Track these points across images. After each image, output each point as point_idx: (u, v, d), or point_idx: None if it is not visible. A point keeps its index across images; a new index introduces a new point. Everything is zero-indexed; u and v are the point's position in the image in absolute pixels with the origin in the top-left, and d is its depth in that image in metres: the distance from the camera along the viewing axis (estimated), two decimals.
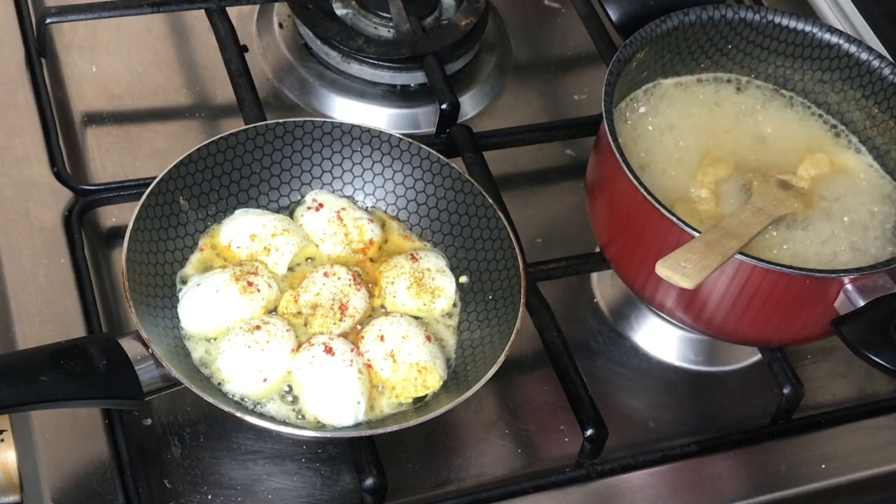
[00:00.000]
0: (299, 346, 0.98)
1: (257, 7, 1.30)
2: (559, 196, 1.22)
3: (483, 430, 1.04)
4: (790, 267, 0.95)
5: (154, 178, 1.00)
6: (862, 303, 0.95)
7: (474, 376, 0.96)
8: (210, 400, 0.90)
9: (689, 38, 1.11)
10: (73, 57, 1.23)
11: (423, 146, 1.07)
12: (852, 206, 1.08)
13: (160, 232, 1.00)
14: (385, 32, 1.25)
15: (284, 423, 0.94)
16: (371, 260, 1.05)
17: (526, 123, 1.25)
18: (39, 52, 1.21)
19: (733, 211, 1.03)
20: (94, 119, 1.19)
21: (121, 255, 0.95)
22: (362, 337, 0.99)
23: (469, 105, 1.26)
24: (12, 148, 1.13)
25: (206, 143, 1.03)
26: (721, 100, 1.14)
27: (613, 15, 1.22)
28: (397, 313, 1.01)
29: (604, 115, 1.01)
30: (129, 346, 0.91)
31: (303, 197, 1.08)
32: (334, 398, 0.94)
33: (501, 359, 0.95)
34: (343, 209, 1.06)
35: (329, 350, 0.96)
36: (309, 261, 1.04)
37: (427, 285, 1.02)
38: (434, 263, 1.04)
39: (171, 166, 1.01)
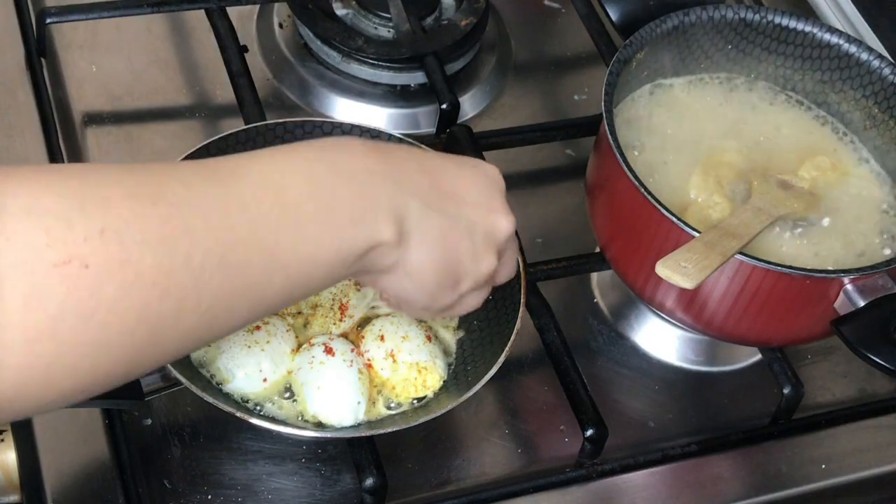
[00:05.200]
0: (299, 346, 0.98)
1: (257, 7, 1.30)
2: (559, 196, 1.22)
3: (483, 430, 1.04)
4: (790, 267, 0.95)
5: None
6: (862, 303, 0.95)
7: (474, 376, 0.96)
8: (210, 400, 0.90)
9: (689, 38, 1.11)
10: (73, 57, 1.23)
11: (423, 146, 1.07)
12: (852, 207, 1.08)
13: None
14: (385, 32, 1.25)
15: (284, 423, 0.94)
16: None
17: (526, 123, 1.25)
18: (39, 52, 1.21)
19: (728, 207, 1.03)
20: (94, 119, 1.19)
21: None
22: (362, 337, 0.99)
23: (469, 105, 1.26)
24: (12, 148, 1.13)
25: (206, 142, 1.03)
26: (721, 100, 1.14)
27: (613, 15, 1.22)
28: (397, 313, 1.01)
29: (604, 115, 1.01)
30: None
31: None
32: (334, 398, 0.94)
33: (501, 359, 0.95)
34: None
35: (329, 350, 0.96)
36: None
37: None
38: None
39: None
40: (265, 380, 0.95)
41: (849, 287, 0.95)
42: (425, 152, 0.84)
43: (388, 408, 0.97)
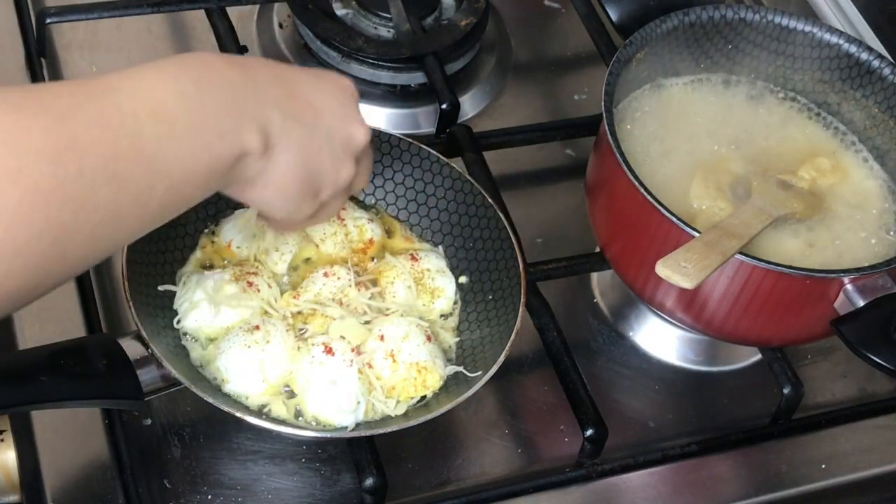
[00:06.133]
0: (299, 346, 0.97)
1: (257, 7, 1.30)
2: (559, 196, 1.22)
3: (483, 430, 1.04)
4: (790, 267, 0.95)
5: None
6: (862, 303, 0.95)
7: (474, 376, 0.96)
8: (210, 400, 0.90)
9: (689, 38, 1.11)
10: (73, 57, 1.23)
11: (423, 146, 1.07)
12: (852, 206, 1.08)
13: (160, 232, 0.99)
14: (385, 32, 1.25)
15: (284, 423, 0.94)
16: (371, 260, 1.05)
17: (526, 123, 1.25)
18: (39, 52, 1.21)
19: (733, 211, 1.03)
20: None
21: (121, 255, 0.95)
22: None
23: (469, 105, 1.26)
24: None
25: None
26: (721, 100, 1.14)
27: (613, 15, 1.22)
28: (397, 313, 1.01)
29: (604, 115, 1.01)
30: (129, 346, 0.91)
31: None
32: (334, 398, 0.94)
33: (501, 359, 0.95)
34: (343, 209, 1.06)
35: (329, 350, 0.96)
36: (309, 261, 1.04)
37: (427, 285, 1.02)
38: (434, 264, 1.04)
39: None
40: (265, 380, 0.95)
41: (849, 287, 0.95)
42: (280, 65, 0.86)
43: (389, 408, 0.96)
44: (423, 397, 0.98)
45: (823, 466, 1.05)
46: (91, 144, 0.68)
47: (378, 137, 1.07)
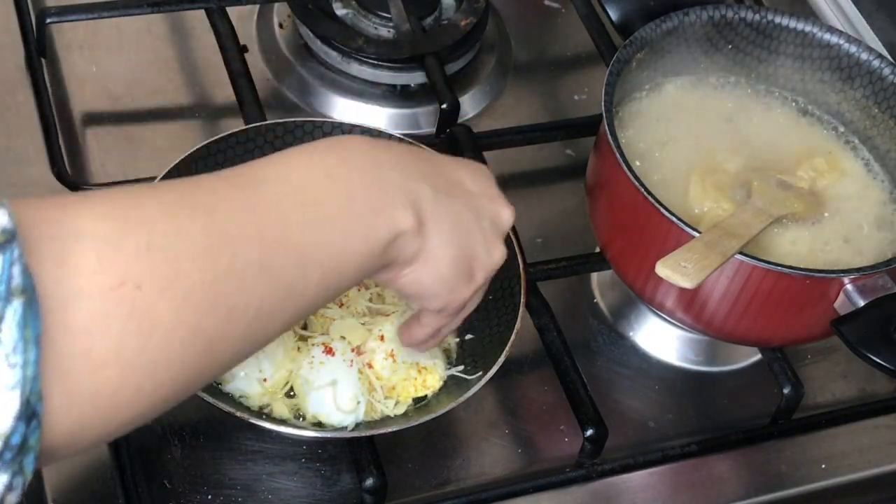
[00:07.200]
0: (299, 346, 0.97)
1: (257, 7, 1.30)
2: (559, 196, 1.22)
3: (483, 430, 1.04)
4: (790, 267, 0.95)
5: (154, 178, 1.00)
6: (862, 303, 0.95)
7: (474, 377, 0.96)
8: (210, 400, 0.90)
9: (689, 38, 1.11)
10: (73, 57, 1.23)
11: (423, 146, 1.07)
12: (852, 207, 1.08)
13: None
14: (385, 32, 1.25)
15: (284, 423, 0.94)
16: None
17: (526, 123, 1.25)
18: (39, 52, 1.20)
19: (733, 211, 1.03)
20: (94, 119, 1.19)
21: None
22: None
23: (469, 105, 1.26)
24: (12, 148, 1.13)
25: (206, 142, 1.03)
26: (721, 100, 1.14)
27: (613, 15, 1.22)
28: (397, 313, 1.01)
29: (604, 115, 1.01)
30: None
31: None
32: (334, 398, 0.94)
33: (501, 359, 0.95)
34: None
35: (329, 350, 0.96)
36: None
37: None
38: None
39: (171, 166, 1.01)
40: (265, 380, 0.95)
41: (849, 287, 0.95)
42: (414, 145, 0.83)
43: (388, 408, 0.96)
44: (424, 397, 0.98)
45: (823, 466, 1.05)
46: (241, 240, 0.66)
47: (378, 137, 1.07)
